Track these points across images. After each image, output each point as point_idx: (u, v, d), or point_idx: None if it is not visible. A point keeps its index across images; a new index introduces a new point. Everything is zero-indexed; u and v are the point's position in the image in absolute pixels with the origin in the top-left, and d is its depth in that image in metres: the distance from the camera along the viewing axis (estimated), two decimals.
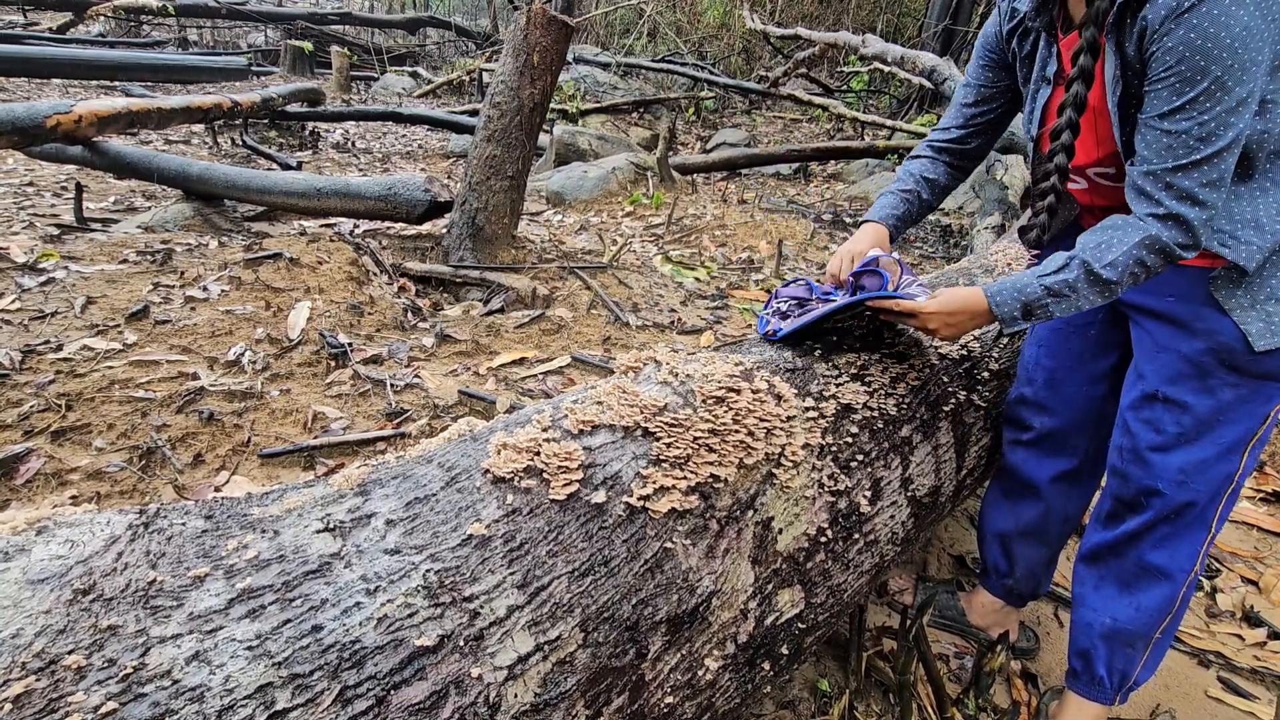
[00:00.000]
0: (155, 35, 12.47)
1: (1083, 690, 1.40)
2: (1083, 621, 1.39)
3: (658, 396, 1.11)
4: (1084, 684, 1.40)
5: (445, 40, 14.30)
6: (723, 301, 3.46)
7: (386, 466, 0.99)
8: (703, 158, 6.71)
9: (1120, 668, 1.36)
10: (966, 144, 1.49)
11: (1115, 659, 1.35)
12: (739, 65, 12.21)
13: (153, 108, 4.30)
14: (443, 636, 0.78)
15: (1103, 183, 1.25)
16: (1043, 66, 1.24)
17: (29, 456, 1.72)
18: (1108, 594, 1.35)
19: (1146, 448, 1.24)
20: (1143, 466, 1.25)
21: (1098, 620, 1.35)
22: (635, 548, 0.95)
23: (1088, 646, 1.38)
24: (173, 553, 0.79)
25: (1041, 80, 1.25)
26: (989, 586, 1.68)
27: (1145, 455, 1.24)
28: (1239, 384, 1.15)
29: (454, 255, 3.42)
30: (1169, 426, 1.21)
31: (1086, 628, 1.38)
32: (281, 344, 2.37)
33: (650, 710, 0.95)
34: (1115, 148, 1.15)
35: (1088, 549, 1.39)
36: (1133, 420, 1.27)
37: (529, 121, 3.31)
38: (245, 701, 0.67)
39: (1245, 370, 1.14)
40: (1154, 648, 1.36)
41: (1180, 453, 1.21)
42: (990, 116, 1.45)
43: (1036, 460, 1.53)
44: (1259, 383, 1.14)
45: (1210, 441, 1.19)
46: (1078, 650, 1.40)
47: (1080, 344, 1.44)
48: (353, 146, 7.37)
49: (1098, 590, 1.36)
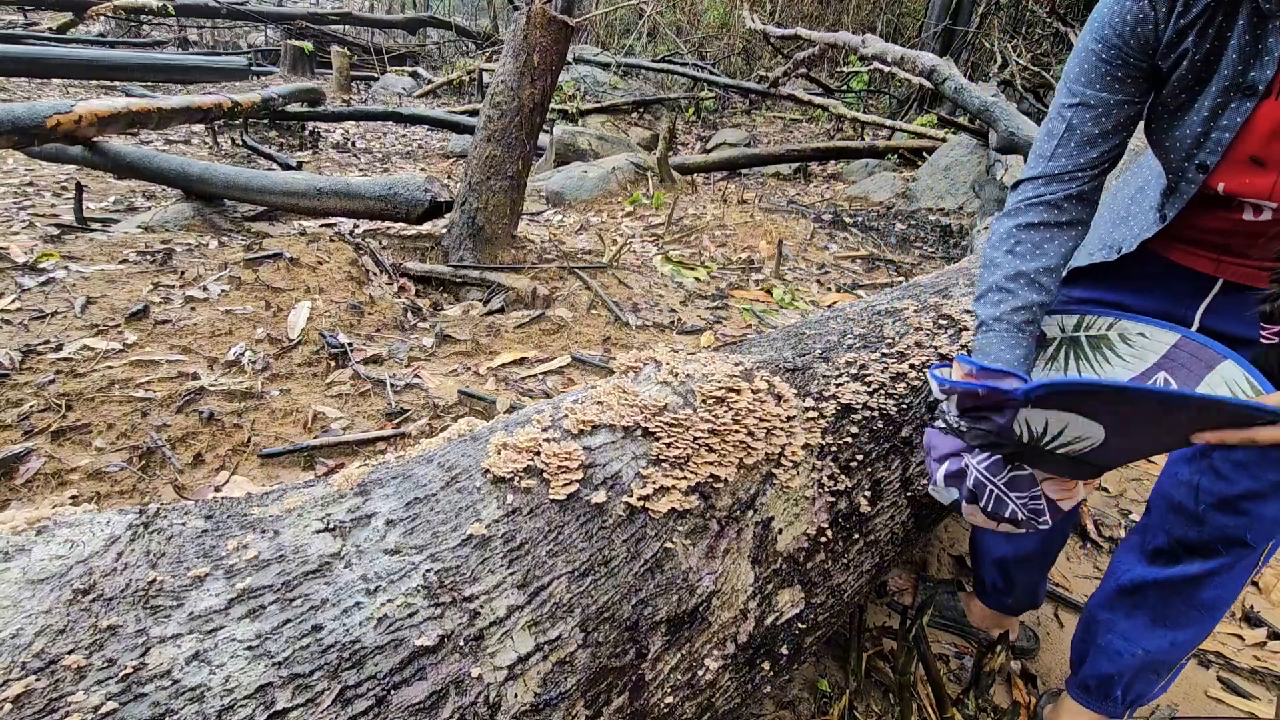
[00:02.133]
0: (155, 35, 12.47)
1: (1093, 705, 1.35)
2: (1110, 649, 1.29)
3: (658, 396, 1.11)
4: (1095, 700, 1.35)
5: (445, 40, 14.29)
6: (723, 301, 3.46)
7: (386, 466, 0.99)
8: (703, 158, 6.71)
9: (1139, 690, 1.31)
10: (1091, 191, 1.07)
11: (1136, 684, 1.30)
12: (739, 65, 12.21)
13: (153, 108, 4.30)
14: (443, 636, 0.78)
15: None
16: (1240, 69, 0.91)
17: (29, 456, 1.72)
18: (1139, 623, 1.25)
19: (1241, 495, 1.09)
20: (1233, 515, 1.10)
21: (1128, 650, 1.26)
22: (635, 548, 0.95)
23: (1112, 673, 1.29)
24: (173, 553, 0.79)
25: (1239, 89, 0.92)
26: (986, 602, 1.64)
27: (1239, 504, 1.10)
28: None
29: (454, 255, 3.42)
30: (1270, 474, 1.06)
31: (1115, 655, 1.28)
32: (281, 344, 2.37)
33: (650, 710, 0.95)
34: None
35: (1130, 582, 1.26)
36: (1223, 463, 1.10)
37: (529, 121, 3.31)
38: (245, 701, 0.67)
39: None
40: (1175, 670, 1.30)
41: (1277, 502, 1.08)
42: (1120, 149, 1.06)
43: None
44: None
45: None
46: (1098, 674, 1.32)
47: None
48: (353, 146, 7.37)
49: (1130, 619, 1.27)
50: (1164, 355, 1.04)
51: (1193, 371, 0.99)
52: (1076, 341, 1.09)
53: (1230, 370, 0.95)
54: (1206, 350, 0.98)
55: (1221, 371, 0.96)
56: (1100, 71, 1.01)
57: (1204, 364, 0.98)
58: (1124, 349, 1.07)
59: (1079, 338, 1.09)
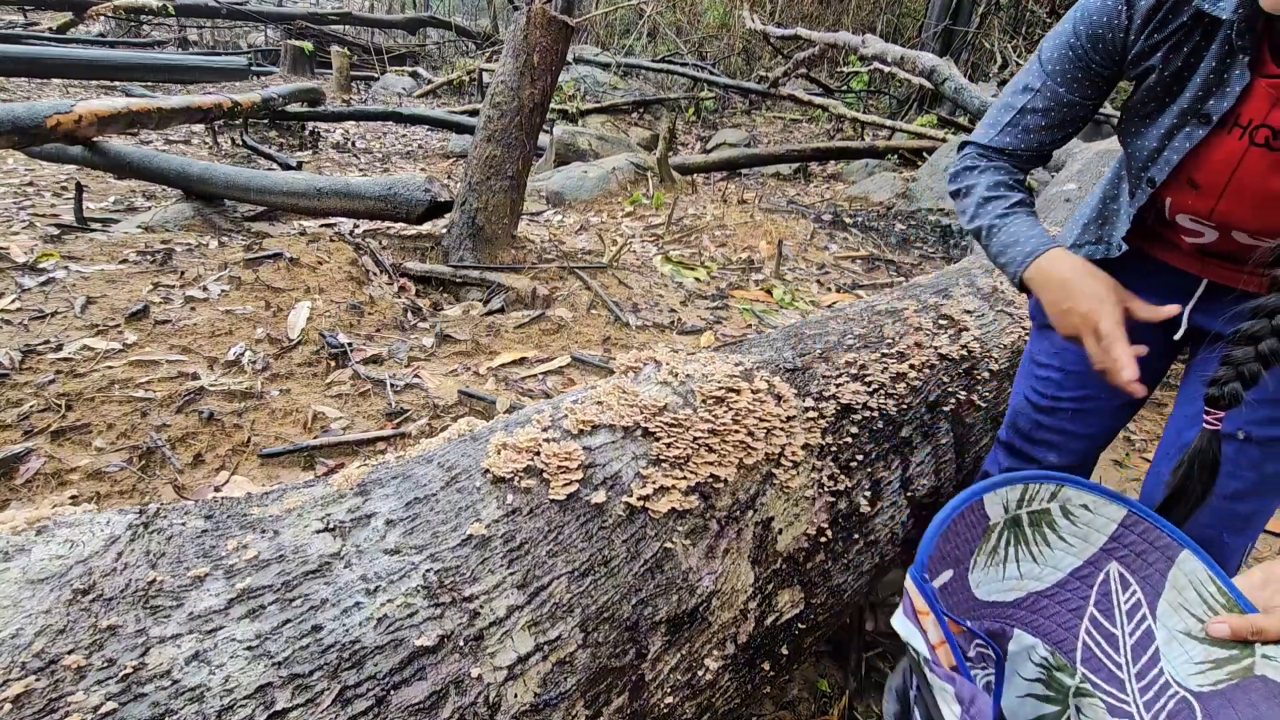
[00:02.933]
0: (155, 35, 12.47)
1: None
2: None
3: (658, 396, 1.11)
4: None
5: (445, 40, 14.30)
6: (723, 301, 3.46)
7: (386, 466, 0.99)
8: (703, 158, 6.71)
9: None
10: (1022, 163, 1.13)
11: None
12: (739, 65, 12.21)
13: (153, 108, 4.30)
14: (443, 636, 0.78)
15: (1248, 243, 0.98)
16: (1202, 97, 0.91)
17: (29, 456, 1.72)
18: None
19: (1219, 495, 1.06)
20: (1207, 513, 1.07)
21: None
22: (635, 548, 0.95)
23: None
24: (173, 553, 0.79)
25: (1196, 115, 0.93)
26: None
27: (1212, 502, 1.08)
28: None
29: (454, 255, 3.42)
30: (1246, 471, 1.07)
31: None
32: (281, 344, 2.37)
33: (650, 710, 0.95)
34: None
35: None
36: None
37: (529, 121, 3.32)
38: (245, 701, 0.67)
39: None
40: None
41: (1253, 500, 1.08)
42: (1063, 140, 1.10)
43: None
44: None
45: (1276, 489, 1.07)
46: None
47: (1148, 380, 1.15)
48: (353, 146, 7.37)
49: None
50: (1111, 537, 0.95)
51: (1153, 567, 0.90)
52: (1018, 522, 0.98)
53: (1191, 565, 0.87)
54: (1160, 535, 0.90)
55: (1182, 567, 0.88)
56: (1066, 62, 1.02)
57: (1163, 557, 0.90)
58: (1065, 527, 0.97)
59: (1020, 516, 0.98)
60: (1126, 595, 0.92)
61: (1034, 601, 0.97)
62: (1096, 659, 0.93)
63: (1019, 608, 0.97)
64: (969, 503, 0.90)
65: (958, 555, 0.93)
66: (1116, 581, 0.93)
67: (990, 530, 0.96)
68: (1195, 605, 0.85)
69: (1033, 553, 0.98)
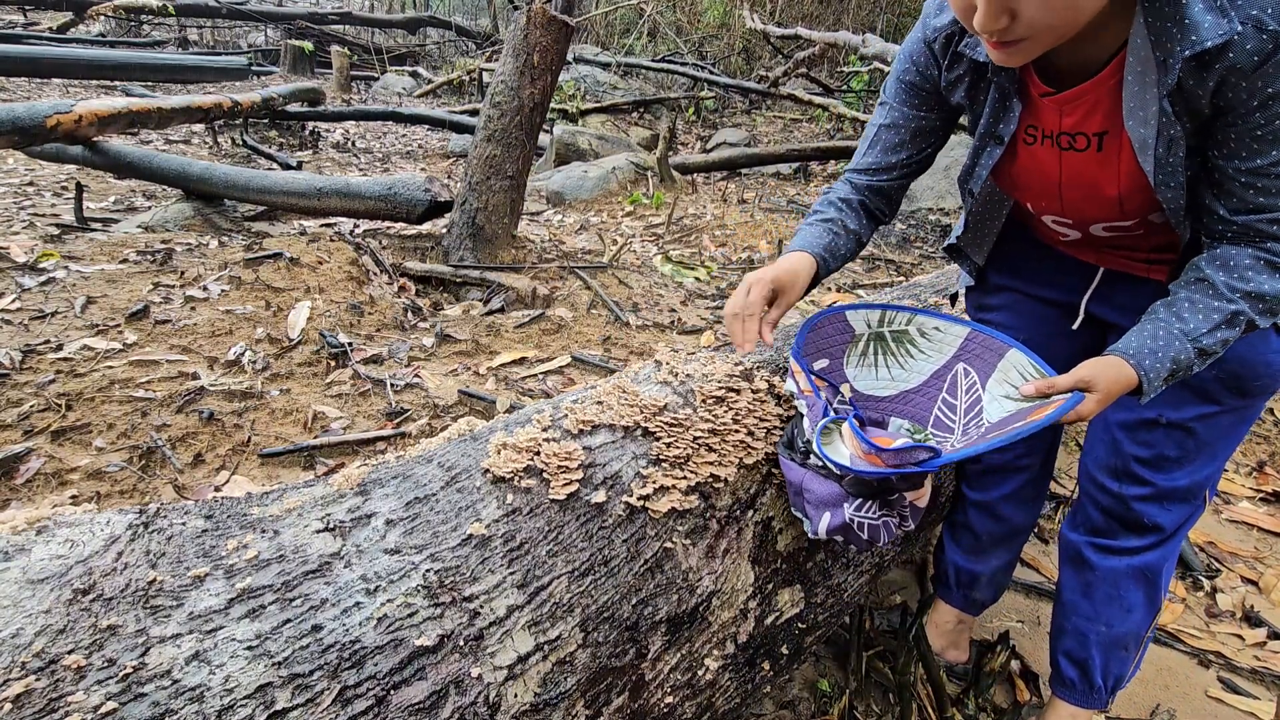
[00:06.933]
0: (155, 35, 12.47)
1: (1079, 700, 1.37)
2: (1077, 631, 1.35)
3: (658, 396, 1.11)
4: (1080, 694, 1.37)
5: (445, 40, 14.30)
6: (723, 301, 3.47)
7: (386, 466, 0.99)
8: (703, 158, 6.70)
9: (1115, 672, 1.34)
10: (892, 189, 1.25)
11: (1111, 664, 1.33)
12: (739, 65, 12.20)
13: (153, 107, 4.30)
14: (443, 636, 0.78)
15: (1106, 234, 1.12)
16: (993, 122, 1.07)
17: (29, 456, 1.72)
18: (1098, 599, 1.31)
19: (1144, 470, 1.20)
20: (1139, 485, 1.22)
21: (1093, 629, 1.32)
22: (635, 548, 0.95)
23: (1085, 657, 1.34)
24: (173, 553, 0.79)
25: (991, 137, 1.09)
26: (950, 600, 1.61)
27: (1140, 474, 1.21)
28: (1240, 405, 1.13)
29: (454, 255, 3.42)
30: (1170, 451, 1.17)
31: (1082, 638, 1.34)
32: (281, 344, 2.37)
33: (650, 710, 0.95)
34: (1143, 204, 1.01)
35: (1072, 554, 1.35)
36: (1128, 442, 1.21)
37: (529, 121, 3.32)
38: (245, 701, 0.67)
39: (1249, 391, 1.11)
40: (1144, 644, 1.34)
41: (1182, 473, 1.18)
42: (921, 156, 1.23)
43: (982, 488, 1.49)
44: (1256, 399, 1.13)
45: (1208, 458, 1.17)
46: (1076, 660, 1.36)
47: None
48: (353, 146, 7.37)
49: (1087, 597, 1.33)
50: (959, 349, 1.21)
51: (987, 361, 1.16)
52: (882, 337, 1.26)
53: (1017, 357, 1.11)
54: (995, 341, 1.15)
55: (1010, 359, 1.12)
56: (902, 90, 1.17)
57: (995, 354, 1.14)
58: (924, 343, 1.25)
59: (883, 333, 1.26)
60: (967, 381, 1.19)
61: (905, 397, 1.25)
62: (941, 421, 1.21)
63: (894, 401, 1.25)
64: (833, 314, 1.22)
65: (830, 351, 1.23)
66: (961, 375, 1.20)
67: (857, 339, 1.25)
68: (1015, 379, 1.10)
69: (900, 361, 1.26)
